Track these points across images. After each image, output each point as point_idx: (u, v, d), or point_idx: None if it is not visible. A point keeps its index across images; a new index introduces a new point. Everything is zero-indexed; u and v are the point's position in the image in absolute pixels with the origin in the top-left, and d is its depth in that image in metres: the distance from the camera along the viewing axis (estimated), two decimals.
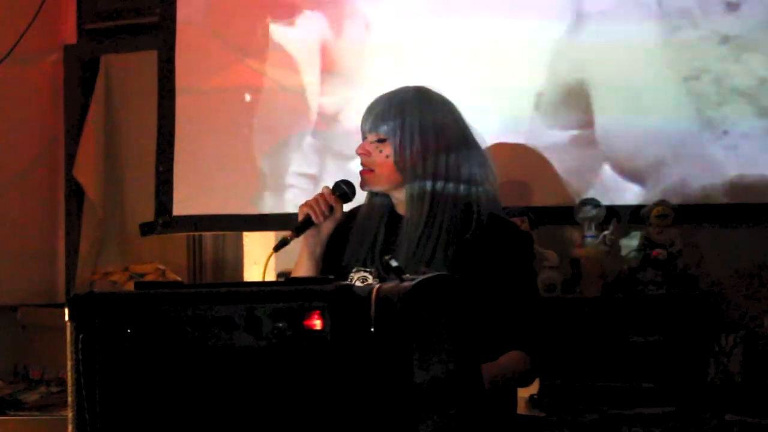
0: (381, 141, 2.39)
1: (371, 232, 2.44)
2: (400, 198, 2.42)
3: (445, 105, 2.44)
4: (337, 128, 3.78)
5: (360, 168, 2.44)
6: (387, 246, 2.40)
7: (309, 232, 2.45)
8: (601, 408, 2.99)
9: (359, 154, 2.43)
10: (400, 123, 2.37)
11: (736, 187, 3.30)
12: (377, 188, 2.43)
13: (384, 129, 2.39)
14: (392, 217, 2.45)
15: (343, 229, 2.47)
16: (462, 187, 2.37)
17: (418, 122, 2.37)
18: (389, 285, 1.69)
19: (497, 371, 2.20)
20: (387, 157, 2.38)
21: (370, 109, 2.43)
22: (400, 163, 2.37)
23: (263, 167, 3.91)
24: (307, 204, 2.46)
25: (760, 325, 3.24)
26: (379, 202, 2.46)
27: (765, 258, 3.40)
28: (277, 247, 2.40)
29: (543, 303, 2.44)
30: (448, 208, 2.35)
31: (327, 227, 2.46)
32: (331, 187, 2.49)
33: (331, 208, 2.45)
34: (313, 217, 2.44)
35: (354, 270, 2.39)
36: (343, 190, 2.48)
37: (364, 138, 2.44)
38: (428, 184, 2.35)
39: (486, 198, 2.40)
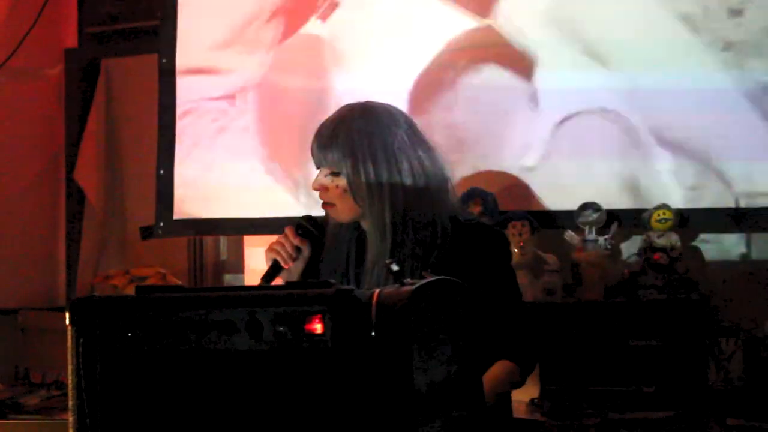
0: (335, 174, 2.30)
1: (342, 253, 2.37)
2: (365, 223, 2.35)
3: (392, 117, 2.32)
4: None
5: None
6: (361, 264, 2.34)
7: (281, 275, 2.38)
8: (601, 412, 2.99)
9: (315, 190, 2.34)
10: (350, 152, 2.26)
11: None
12: (343, 221, 2.35)
13: (334, 161, 2.28)
14: (362, 234, 2.38)
15: (314, 254, 2.41)
16: (422, 202, 2.28)
17: (367, 146, 2.26)
18: (390, 289, 1.69)
19: (489, 390, 2.12)
20: (344, 191, 2.29)
21: (317, 139, 2.33)
22: (356, 195, 2.27)
23: (264, 170, 3.92)
24: (272, 249, 2.39)
25: (761, 329, 3.24)
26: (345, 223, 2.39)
27: (765, 261, 3.40)
28: None
29: (524, 306, 2.37)
30: (410, 233, 2.27)
31: (297, 268, 2.40)
32: (294, 226, 2.41)
33: (297, 249, 2.39)
34: (281, 262, 2.37)
35: None
36: (306, 229, 2.40)
37: (318, 167, 2.35)
38: (387, 213, 2.26)
39: (447, 206, 2.32)
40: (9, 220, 4.25)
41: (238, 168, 3.95)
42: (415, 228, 2.27)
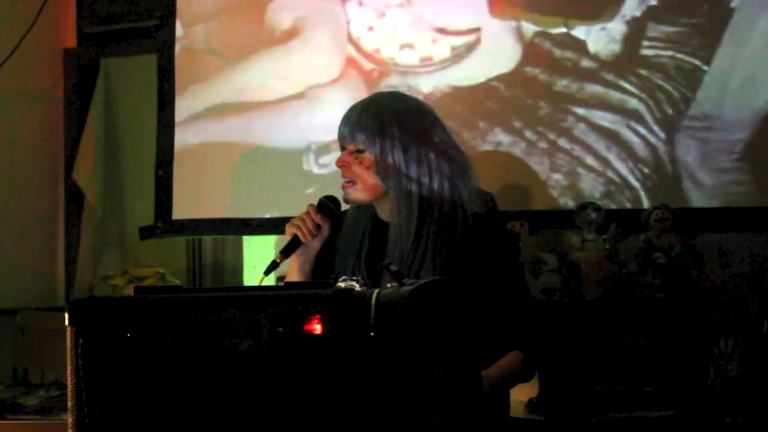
0: (360, 152, 2.34)
1: (356, 241, 2.41)
2: (384, 206, 2.39)
3: (421, 107, 2.41)
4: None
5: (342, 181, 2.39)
6: (374, 254, 2.37)
7: (297, 251, 2.43)
8: (601, 412, 2.99)
9: (339, 167, 2.39)
10: (379, 131, 2.32)
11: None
12: (361, 200, 2.39)
13: (362, 139, 2.34)
14: (377, 225, 2.42)
15: (330, 238, 2.45)
16: (446, 188, 2.34)
17: (397, 128, 2.32)
18: (389, 289, 1.69)
19: (496, 374, 2.19)
20: (368, 168, 2.34)
21: (346, 119, 2.38)
22: (382, 172, 2.32)
23: (263, 171, 3.92)
24: (293, 224, 2.42)
25: (760, 329, 3.24)
26: (363, 210, 2.43)
27: (764, 261, 3.40)
28: (268, 271, 2.36)
29: (532, 300, 2.43)
30: (435, 212, 2.33)
31: (315, 245, 2.43)
32: (315, 204, 2.45)
33: (317, 227, 2.42)
34: (301, 237, 2.41)
35: (342, 279, 2.38)
36: (328, 207, 2.45)
37: (342, 149, 2.40)
38: (414, 190, 2.32)
39: (469, 196, 2.37)
40: (8, 220, 4.25)
41: (236, 168, 3.95)
42: (440, 207, 2.33)
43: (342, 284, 2.34)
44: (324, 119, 3.77)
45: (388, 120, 2.33)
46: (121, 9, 4.40)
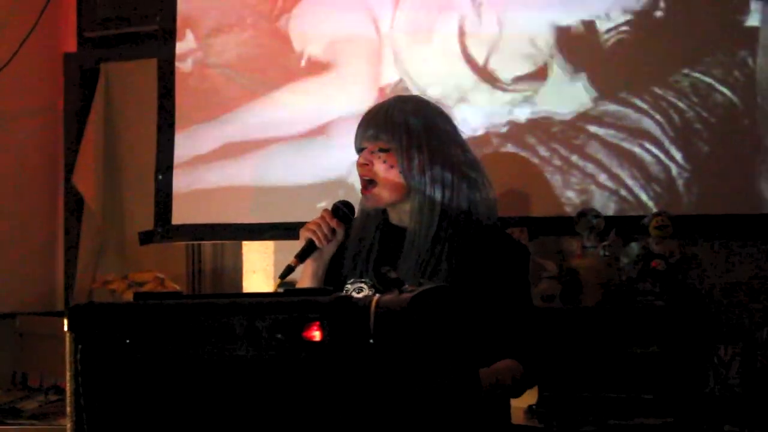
0: (383, 150, 2.35)
1: (366, 243, 2.41)
2: (399, 211, 2.40)
3: (442, 112, 2.43)
4: (336, 136, 3.78)
5: (359, 183, 2.40)
6: (384, 257, 2.38)
7: (312, 256, 2.43)
8: (599, 419, 2.99)
9: (360, 165, 2.37)
10: (406, 131, 2.32)
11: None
12: (382, 203, 2.38)
13: (388, 138, 2.33)
14: (389, 229, 2.42)
15: (343, 243, 2.46)
16: (463, 195, 2.35)
17: (423, 130, 2.33)
18: (388, 296, 1.69)
19: (488, 376, 2.17)
20: (392, 167, 2.33)
21: (369, 119, 2.38)
22: (407, 171, 2.32)
23: (264, 176, 3.91)
24: (308, 229, 2.42)
25: (760, 336, 3.24)
26: (373, 212, 2.44)
27: (764, 269, 3.40)
28: (283, 275, 2.38)
29: (537, 315, 2.41)
30: (452, 219, 2.33)
31: (329, 250, 2.44)
32: (330, 209, 2.46)
33: (333, 231, 2.43)
34: (316, 242, 2.41)
35: (350, 281, 2.39)
36: (343, 212, 2.45)
37: (361, 150, 2.39)
38: (437, 195, 2.32)
39: (484, 206, 2.38)
40: (7, 224, 4.25)
41: (237, 173, 3.95)
42: (457, 214, 2.33)
43: (351, 285, 2.36)
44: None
45: (415, 121, 2.34)
46: (121, 13, 4.40)
